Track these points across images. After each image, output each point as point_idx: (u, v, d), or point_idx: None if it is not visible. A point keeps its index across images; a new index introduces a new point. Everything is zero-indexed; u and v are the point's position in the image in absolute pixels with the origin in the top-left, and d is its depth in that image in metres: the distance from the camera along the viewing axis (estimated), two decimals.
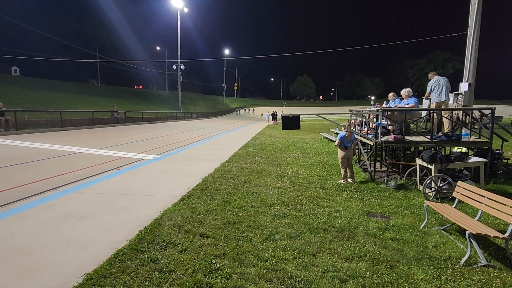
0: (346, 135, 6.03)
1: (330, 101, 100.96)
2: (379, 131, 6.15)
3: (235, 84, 75.24)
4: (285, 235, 3.38)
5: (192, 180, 5.74)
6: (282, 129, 6.22)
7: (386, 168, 6.37)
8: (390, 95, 8.11)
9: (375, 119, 7.01)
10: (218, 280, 2.42)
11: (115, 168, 6.91)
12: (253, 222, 3.73)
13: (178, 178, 6.06)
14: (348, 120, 8.62)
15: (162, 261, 2.69)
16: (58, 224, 3.56)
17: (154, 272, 2.52)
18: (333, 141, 12.41)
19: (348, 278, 2.52)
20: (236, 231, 3.44)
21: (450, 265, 2.84)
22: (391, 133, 6.63)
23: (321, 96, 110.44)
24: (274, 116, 31.88)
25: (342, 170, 6.10)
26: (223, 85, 60.28)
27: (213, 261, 2.72)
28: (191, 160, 8.16)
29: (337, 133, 12.41)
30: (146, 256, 2.77)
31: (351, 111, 9.09)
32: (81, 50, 50.44)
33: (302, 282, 2.45)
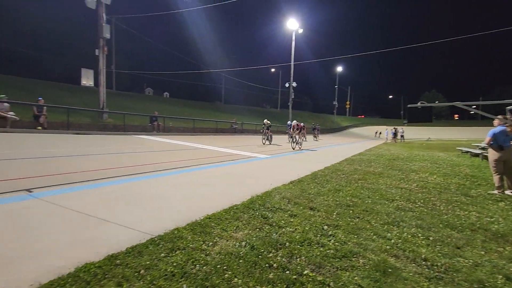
0: (509, 130, 4.59)
1: (470, 121, 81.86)
2: None
3: (347, 102, 72.03)
4: (413, 224, 2.77)
5: (301, 172, 5.64)
6: (408, 121, 5.36)
7: None
8: None
9: None
10: (331, 243, 2.16)
11: (232, 160, 7.60)
12: (370, 209, 3.25)
13: (287, 170, 6.09)
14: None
15: (272, 219, 2.65)
16: (187, 186, 4.11)
17: (265, 225, 2.49)
18: (478, 155, 9.89)
19: None
20: (351, 212, 3.07)
21: None
22: None
23: (456, 116, 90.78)
24: (395, 134, 28.51)
25: (496, 178, 4.67)
26: (334, 103, 58.74)
27: (325, 228, 2.48)
28: (300, 161, 8.14)
29: (483, 148, 9.78)
30: (257, 213, 2.80)
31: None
32: (212, 75, 60.05)
33: (443, 267, 1.89)
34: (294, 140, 12.31)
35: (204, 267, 1.70)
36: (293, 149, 11.80)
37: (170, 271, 1.62)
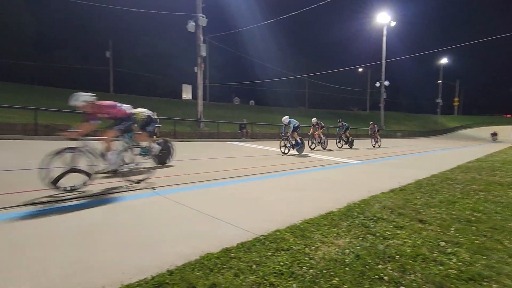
0: None
1: None
2: None
3: (455, 99, 61.16)
4: None
5: (402, 180, 5.08)
6: None
7: None
8: None
9: None
10: (452, 262, 1.88)
11: (320, 166, 7.46)
12: (501, 227, 2.68)
13: (385, 177, 5.61)
14: None
15: (374, 229, 2.48)
16: (281, 189, 4.26)
17: (367, 234, 2.36)
18: None
19: None
20: (473, 229, 2.60)
21: None
22: None
23: None
24: None
25: None
26: (437, 101, 50.67)
27: (442, 244, 2.17)
28: (398, 167, 7.36)
29: None
30: (357, 221, 2.68)
31: None
32: (295, 81, 60.40)
33: None
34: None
35: (310, 270, 1.73)
36: None
37: (278, 270, 1.71)
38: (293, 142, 10.17)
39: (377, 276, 1.68)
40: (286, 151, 9.98)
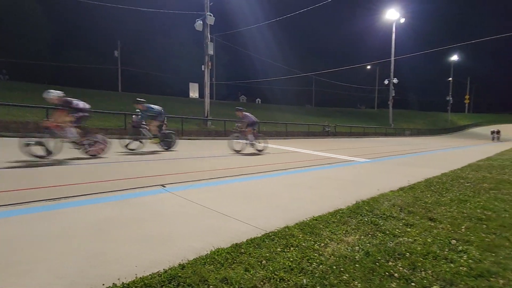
0: None
1: None
2: None
3: (466, 97, 59.77)
4: None
5: (411, 178, 5.04)
6: None
7: None
8: None
9: None
10: (462, 260, 1.87)
11: (328, 164, 7.44)
12: (509, 224, 2.65)
13: (394, 175, 5.57)
14: None
15: (384, 226, 2.48)
16: (290, 187, 4.27)
17: (376, 232, 2.36)
18: None
19: None
20: (484, 227, 2.57)
21: None
22: None
23: None
24: None
25: None
26: (447, 98, 49.60)
27: (452, 242, 2.16)
28: (406, 165, 7.29)
29: None
30: (366, 219, 2.67)
31: None
32: (301, 79, 60.00)
33: None
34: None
35: (320, 266, 1.74)
36: None
37: (288, 265, 1.73)
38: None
39: (387, 273, 1.68)
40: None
